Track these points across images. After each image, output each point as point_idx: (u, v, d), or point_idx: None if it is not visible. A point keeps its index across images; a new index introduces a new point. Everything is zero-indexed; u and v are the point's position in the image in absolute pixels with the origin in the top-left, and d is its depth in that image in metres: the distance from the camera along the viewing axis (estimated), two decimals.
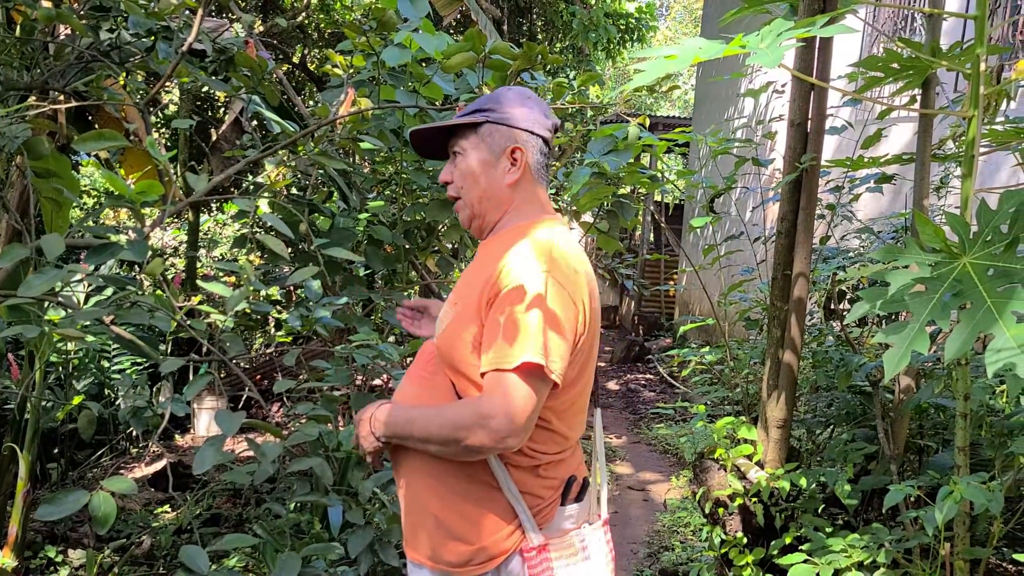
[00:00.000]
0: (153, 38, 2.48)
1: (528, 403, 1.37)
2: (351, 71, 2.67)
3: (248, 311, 2.06)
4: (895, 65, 2.26)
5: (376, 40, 2.34)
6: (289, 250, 2.84)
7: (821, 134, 2.61)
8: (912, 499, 2.03)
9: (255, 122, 4.84)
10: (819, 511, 2.30)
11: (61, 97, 2.96)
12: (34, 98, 2.90)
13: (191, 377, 5.43)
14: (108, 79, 2.88)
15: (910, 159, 2.60)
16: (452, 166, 1.62)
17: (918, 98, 2.51)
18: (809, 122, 2.63)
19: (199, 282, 2.12)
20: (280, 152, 2.39)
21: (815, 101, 2.62)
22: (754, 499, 2.31)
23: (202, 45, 2.63)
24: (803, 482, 2.20)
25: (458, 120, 1.59)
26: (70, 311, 1.98)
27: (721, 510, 2.39)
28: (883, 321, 3.18)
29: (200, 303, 2.24)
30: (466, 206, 1.61)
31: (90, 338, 2.08)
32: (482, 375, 1.41)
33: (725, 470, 2.41)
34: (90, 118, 4.34)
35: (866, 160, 2.85)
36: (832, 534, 2.18)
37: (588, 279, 1.53)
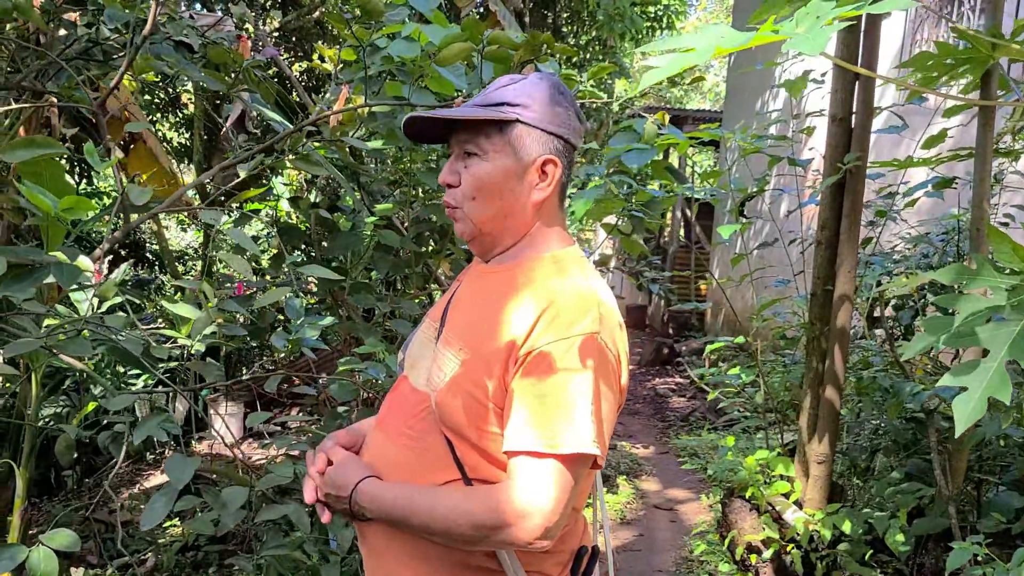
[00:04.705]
0: (134, 32, 2.31)
1: (568, 495, 1.11)
2: (339, 65, 2.46)
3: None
4: (949, 60, 2.00)
5: (361, 31, 2.11)
6: (298, 254, 2.67)
7: (867, 131, 2.34)
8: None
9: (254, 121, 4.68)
10: (866, 558, 2.04)
11: (53, 98, 2.82)
12: (25, 99, 2.76)
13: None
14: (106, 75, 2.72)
15: (968, 155, 2.33)
16: (460, 166, 1.27)
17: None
18: (853, 117, 2.37)
19: (165, 303, 1.94)
20: (259, 156, 2.20)
21: (860, 93, 2.35)
22: (791, 545, 2.06)
23: (188, 39, 2.46)
24: (847, 526, 1.94)
25: (485, 115, 1.23)
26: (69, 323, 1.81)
27: (754, 557, 2.13)
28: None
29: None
30: (469, 219, 1.27)
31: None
32: (508, 453, 1.13)
33: (758, 511, 2.15)
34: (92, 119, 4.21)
35: (916, 160, 2.57)
36: None
37: (623, 329, 1.25)
